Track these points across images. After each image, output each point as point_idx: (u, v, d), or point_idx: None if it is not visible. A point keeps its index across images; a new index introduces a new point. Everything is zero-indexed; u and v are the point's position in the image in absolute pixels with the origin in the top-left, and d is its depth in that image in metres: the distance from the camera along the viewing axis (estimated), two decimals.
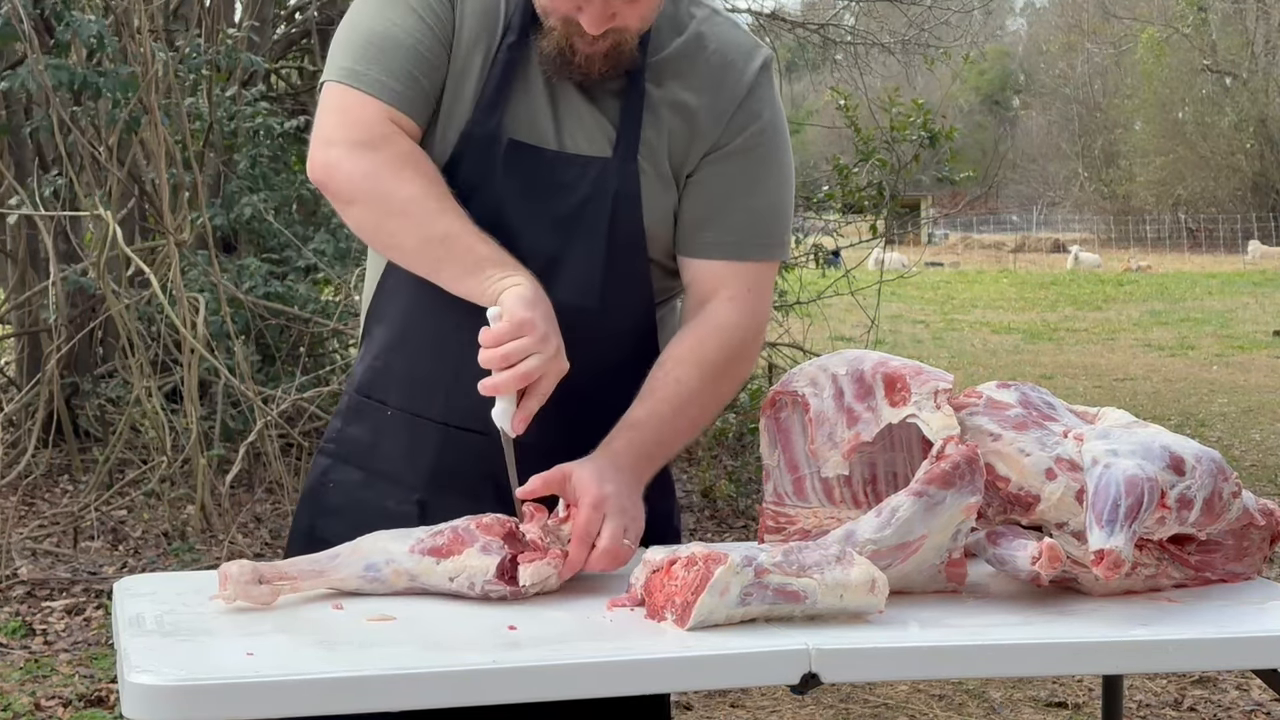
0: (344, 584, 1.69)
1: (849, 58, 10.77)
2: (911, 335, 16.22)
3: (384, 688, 1.43)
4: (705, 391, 1.88)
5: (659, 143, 1.88)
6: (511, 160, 1.86)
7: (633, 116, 1.87)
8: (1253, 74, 41.55)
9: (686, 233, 1.92)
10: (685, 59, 1.90)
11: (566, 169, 1.86)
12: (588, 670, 1.50)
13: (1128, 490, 1.66)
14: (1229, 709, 4.17)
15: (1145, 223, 43.02)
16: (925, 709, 4.14)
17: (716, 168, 1.91)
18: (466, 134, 1.86)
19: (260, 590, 1.64)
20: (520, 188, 1.86)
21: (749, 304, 1.92)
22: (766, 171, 1.94)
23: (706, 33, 1.92)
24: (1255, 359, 14.06)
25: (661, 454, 1.87)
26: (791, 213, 1.99)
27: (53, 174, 6.13)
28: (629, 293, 1.91)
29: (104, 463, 5.86)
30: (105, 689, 4.10)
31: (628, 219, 1.87)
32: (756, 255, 1.93)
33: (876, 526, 1.69)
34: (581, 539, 1.72)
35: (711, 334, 1.89)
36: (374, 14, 1.86)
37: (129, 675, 1.41)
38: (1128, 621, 1.67)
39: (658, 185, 1.88)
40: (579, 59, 1.82)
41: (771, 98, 1.94)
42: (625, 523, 1.74)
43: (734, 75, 1.91)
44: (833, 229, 8.64)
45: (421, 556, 1.68)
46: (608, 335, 1.90)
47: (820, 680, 1.52)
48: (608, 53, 1.82)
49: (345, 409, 2.01)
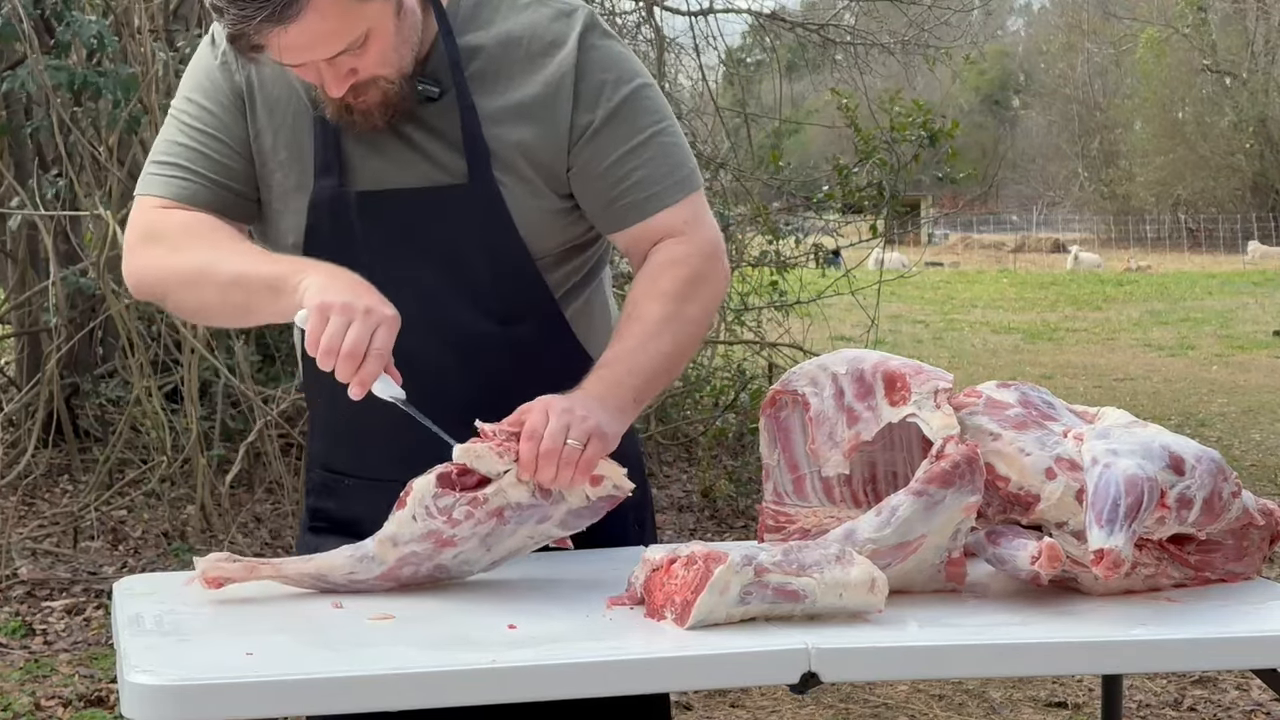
0: (333, 570, 1.69)
1: (849, 58, 10.75)
2: (911, 335, 16.21)
3: (384, 688, 1.43)
4: (670, 318, 1.85)
5: (509, 152, 1.84)
6: (367, 212, 1.85)
7: (473, 136, 1.83)
8: (1253, 74, 41.53)
9: (600, 213, 1.90)
10: (505, 60, 1.86)
11: (425, 205, 1.85)
12: (588, 670, 1.50)
13: (1128, 490, 1.66)
14: (1229, 709, 4.17)
15: (1145, 223, 43.00)
16: (925, 709, 4.14)
17: (594, 145, 1.86)
18: (314, 203, 1.86)
19: (234, 566, 1.66)
20: (384, 236, 1.85)
21: (692, 234, 1.90)
22: (641, 120, 1.88)
23: (516, 25, 1.87)
24: (1255, 359, 14.06)
25: (633, 382, 1.81)
26: (683, 138, 1.94)
27: (53, 174, 6.13)
28: (526, 302, 1.89)
29: (104, 463, 5.85)
30: (105, 689, 4.09)
31: (501, 236, 1.85)
32: (675, 197, 1.89)
33: (876, 526, 1.69)
34: (526, 435, 1.67)
35: (661, 268, 1.87)
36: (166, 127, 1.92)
37: (129, 675, 1.41)
38: (1128, 621, 1.67)
39: (522, 192, 1.85)
40: (358, 118, 1.81)
41: (605, 52, 1.88)
42: (569, 421, 1.69)
43: (558, 55, 1.86)
44: (833, 229, 8.64)
45: (394, 515, 1.68)
46: (521, 349, 1.89)
47: (820, 680, 1.52)
48: (382, 102, 1.80)
49: (314, 487, 2.02)
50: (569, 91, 1.85)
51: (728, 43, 11.98)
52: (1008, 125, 52.38)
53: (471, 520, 1.67)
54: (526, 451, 1.67)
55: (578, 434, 1.68)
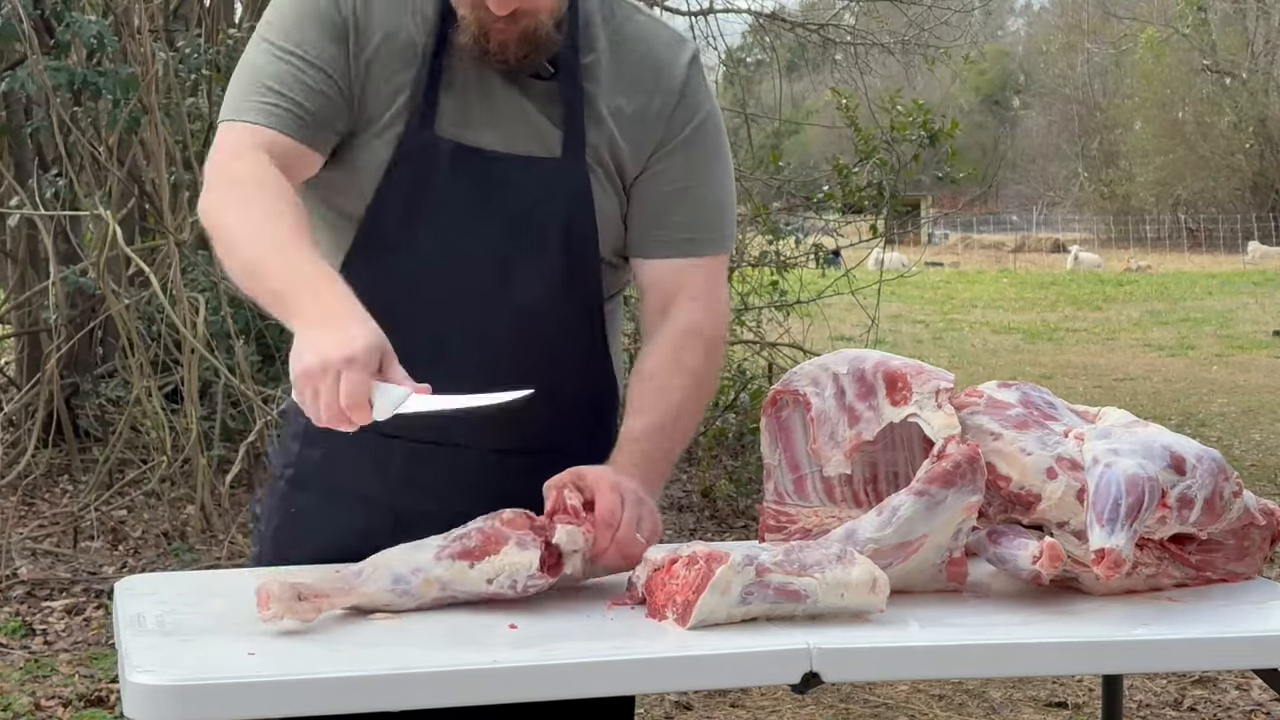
0: (372, 599, 1.63)
1: (849, 58, 10.77)
2: (911, 335, 16.21)
3: (384, 688, 1.43)
4: (693, 399, 1.91)
5: (601, 145, 1.87)
6: (457, 164, 1.85)
7: (576, 118, 1.86)
8: (1252, 74, 41.53)
9: (639, 234, 1.92)
10: (615, 62, 1.89)
11: (514, 171, 1.85)
12: (588, 670, 1.50)
13: (1128, 489, 1.66)
14: (1229, 709, 4.17)
15: (1145, 223, 43.00)
16: (925, 709, 4.14)
17: (662, 165, 1.90)
18: (402, 144, 1.84)
19: (303, 607, 1.57)
20: (468, 191, 1.85)
21: (711, 300, 1.94)
22: (711, 163, 1.94)
23: (632, 34, 1.91)
24: (1255, 359, 14.06)
25: (664, 467, 1.88)
26: (735, 203, 2.00)
27: (53, 174, 6.13)
28: (580, 291, 1.91)
29: (104, 463, 5.85)
30: (105, 689, 4.09)
31: (580, 220, 1.87)
32: (711, 249, 1.94)
33: (877, 525, 1.69)
34: (605, 520, 1.70)
35: (687, 340, 1.90)
36: (256, 51, 1.85)
37: (129, 675, 1.41)
38: (1128, 621, 1.67)
39: (604, 187, 1.88)
40: (493, 46, 1.80)
41: (706, 90, 1.94)
42: (642, 513, 1.73)
43: (667, 73, 1.90)
44: (833, 229, 8.63)
45: (453, 561, 1.64)
46: (559, 331, 1.90)
47: (821, 679, 1.52)
48: (521, 37, 1.80)
49: (303, 432, 1.94)
50: (668, 112, 1.90)
51: (728, 43, 12.01)
52: (1008, 125, 52.38)
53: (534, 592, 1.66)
54: (604, 540, 1.70)
55: (646, 529, 1.73)
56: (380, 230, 1.86)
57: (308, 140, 1.82)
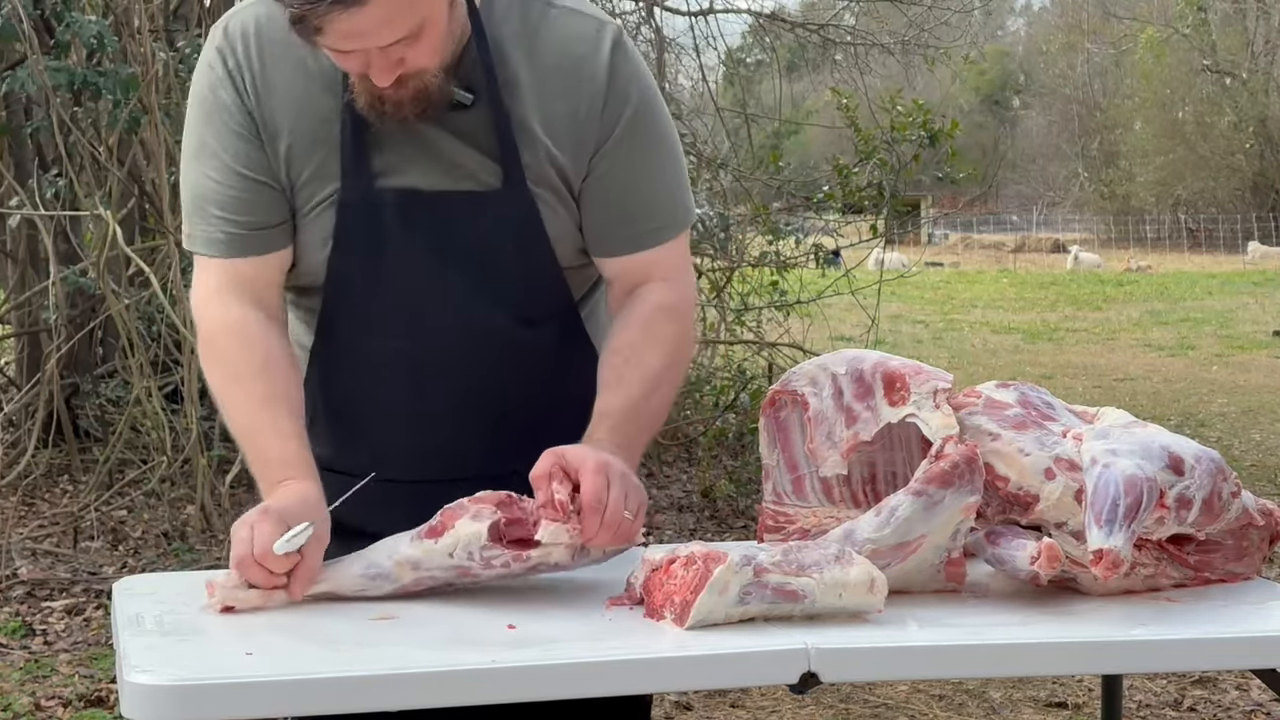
0: (342, 587, 1.68)
1: (849, 58, 10.76)
2: (911, 335, 16.21)
3: (384, 688, 1.43)
4: (667, 371, 1.89)
5: (539, 164, 1.84)
6: (401, 210, 1.84)
7: (508, 145, 1.83)
8: (1252, 74, 41.52)
9: (596, 236, 1.90)
10: (534, 72, 1.85)
11: (459, 207, 1.84)
12: (587, 670, 1.50)
13: (1127, 490, 1.66)
14: (1229, 709, 4.17)
15: (1145, 223, 42.98)
16: (925, 709, 4.14)
17: (605, 165, 1.87)
18: (343, 202, 1.84)
19: (248, 594, 1.63)
20: (416, 234, 1.84)
21: (679, 277, 1.94)
22: (655, 150, 1.90)
23: (547, 36, 1.86)
24: (1255, 359, 14.05)
25: (640, 441, 1.86)
26: (687, 179, 1.97)
27: (53, 174, 6.13)
28: (550, 305, 1.91)
29: (104, 463, 5.85)
30: (105, 689, 4.09)
31: (534, 243, 1.86)
32: (670, 234, 1.92)
33: (876, 526, 1.69)
34: (592, 505, 1.68)
35: (658, 314, 1.89)
36: (188, 171, 1.89)
37: (128, 675, 1.41)
38: (1127, 621, 1.67)
39: (552, 208, 1.86)
40: (389, 108, 1.79)
41: (633, 72, 1.88)
42: (627, 489, 1.71)
43: (588, 70, 1.85)
44: (833, 229, 8.64)
45: (421, 540, 1.67)
46: (538, 347, 1.91)
47: (819, 680, 1.52)
48: (414, 97, 1.78)
49: None
50: (599, 110, 1.85)
51: (728, 43, 12.01)
52: (1008, 125, 52.38)
53: (506, 569, 1.67)
54: (592, 524, 1.68)
55: (633, 505, 1.71)
56: (343, 297, 1.88)
57: (264, 248, 1.86)
